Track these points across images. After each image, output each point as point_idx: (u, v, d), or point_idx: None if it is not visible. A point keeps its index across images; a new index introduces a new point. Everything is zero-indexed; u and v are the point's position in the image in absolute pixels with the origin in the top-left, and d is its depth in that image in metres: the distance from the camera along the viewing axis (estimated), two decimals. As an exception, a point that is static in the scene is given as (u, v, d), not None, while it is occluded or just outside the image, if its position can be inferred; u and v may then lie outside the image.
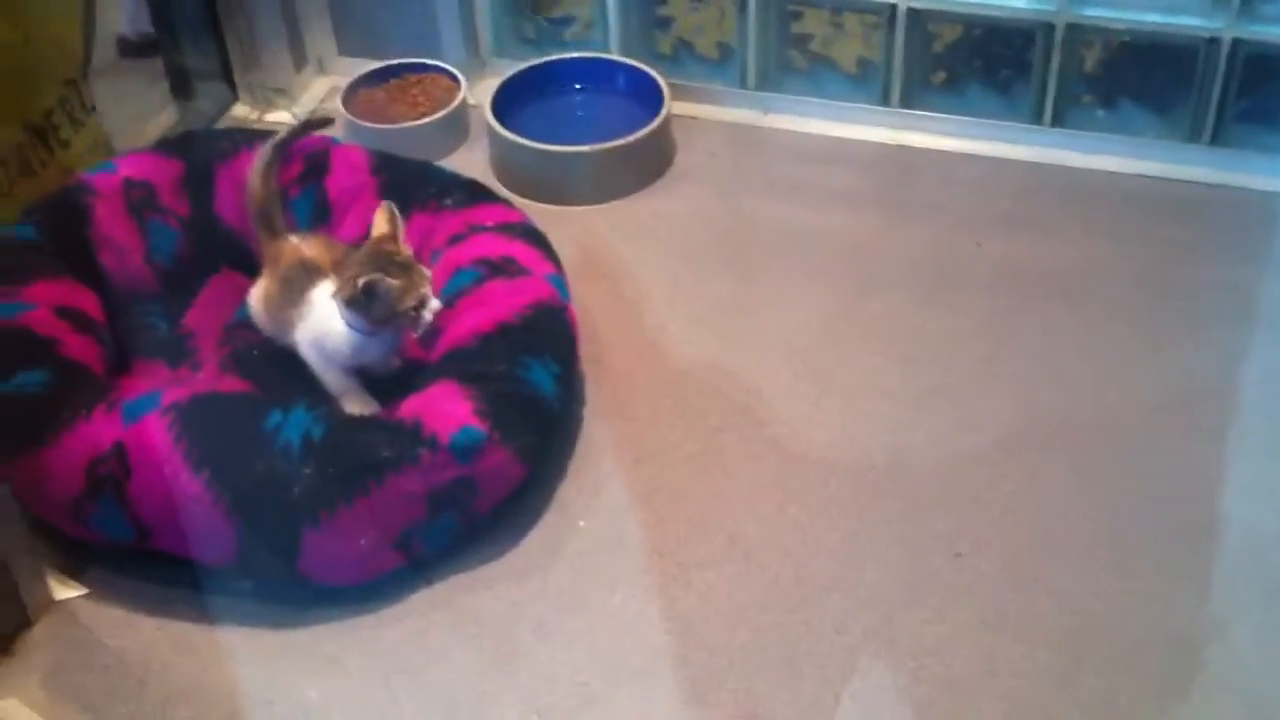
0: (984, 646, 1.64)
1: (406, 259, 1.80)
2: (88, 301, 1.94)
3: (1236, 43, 2.27)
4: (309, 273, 1.88)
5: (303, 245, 1.92)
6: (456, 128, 2.53)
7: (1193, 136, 2.38)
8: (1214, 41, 2.28)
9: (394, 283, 1.76)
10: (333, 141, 2.20)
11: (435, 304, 1.80)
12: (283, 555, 1.66)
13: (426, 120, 2.49)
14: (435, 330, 1.88)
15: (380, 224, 1.82)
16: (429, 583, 1.74)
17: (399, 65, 2.60)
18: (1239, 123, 2.36)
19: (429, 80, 2.59)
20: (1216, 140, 2.36)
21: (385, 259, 1.79)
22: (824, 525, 1.80)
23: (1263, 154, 2.35)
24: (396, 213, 1.83)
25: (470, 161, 2.43)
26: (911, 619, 1.68)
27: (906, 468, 1.87)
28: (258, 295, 1.96)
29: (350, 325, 1.82)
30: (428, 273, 1.81)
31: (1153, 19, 2.31)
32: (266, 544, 1.66)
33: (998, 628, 1.66)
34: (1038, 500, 1.82)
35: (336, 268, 1.86)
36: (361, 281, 1.75)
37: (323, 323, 1.84)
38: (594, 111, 2.54)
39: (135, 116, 2.61)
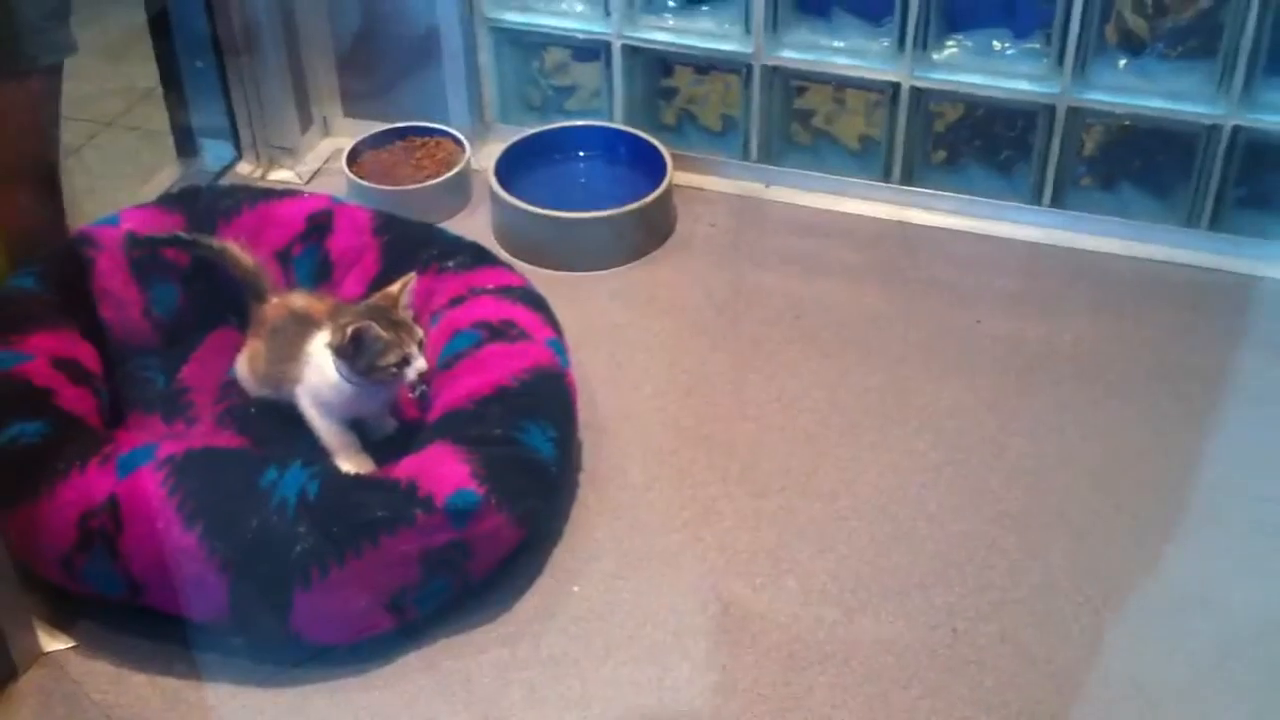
0: (978, 725, 1.63)
1: (402, 318, 1.83)
2: (85, 353, 1.94)
3: (1237, 130, 2.29)
4: (302, 324, 1.90)
5: (291, 299, 1.94)
6: (460, 191, 2.54)
7: (1191, 221, 2.39)
8: (1215, 128, 2.30)
9: (382, 334, 1.78)
10: (335, 201, 2.21)
11: (421, 364, 1.81)
12: (274, 613, 1.65)
13: (431, 183, 2.50)
14: (428, 395, 1.89)
15: (392, 286, 1.85)
16: (419, 645, 1.72)
17: (405, 128, 2.62)
18: (1238, 208, 2.38)
19: (434, 143, 2.61)
20: (1215, 225, 2.38)
21: (380, 313, 1.81)
22: (820, 598, 1.79)
23: (1261, 240, 2.36)
24: (411, 282, 1.86)
25: (473, 225, 2.44)
26: (906, 695, 1.67)
27: (906, 541, 1.87)
28: (244, 359, 1.98)
29: (340, 375, 1.83)
30: (420, 334, 1.84)
31: (1155, 104, 2.33)
32: (258, 601, 1.64)
33: (993, 707, 1.65)
34: (1039, 578, 1.81)
35: (332, 318, 1.87)
36: (350, 329, 1.77)
37: (319, 372, 1.86)
38: (597, 179, 2.55)
39: (139, 171, 2.63)
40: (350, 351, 1.80)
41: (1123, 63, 2.36)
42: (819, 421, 2.06)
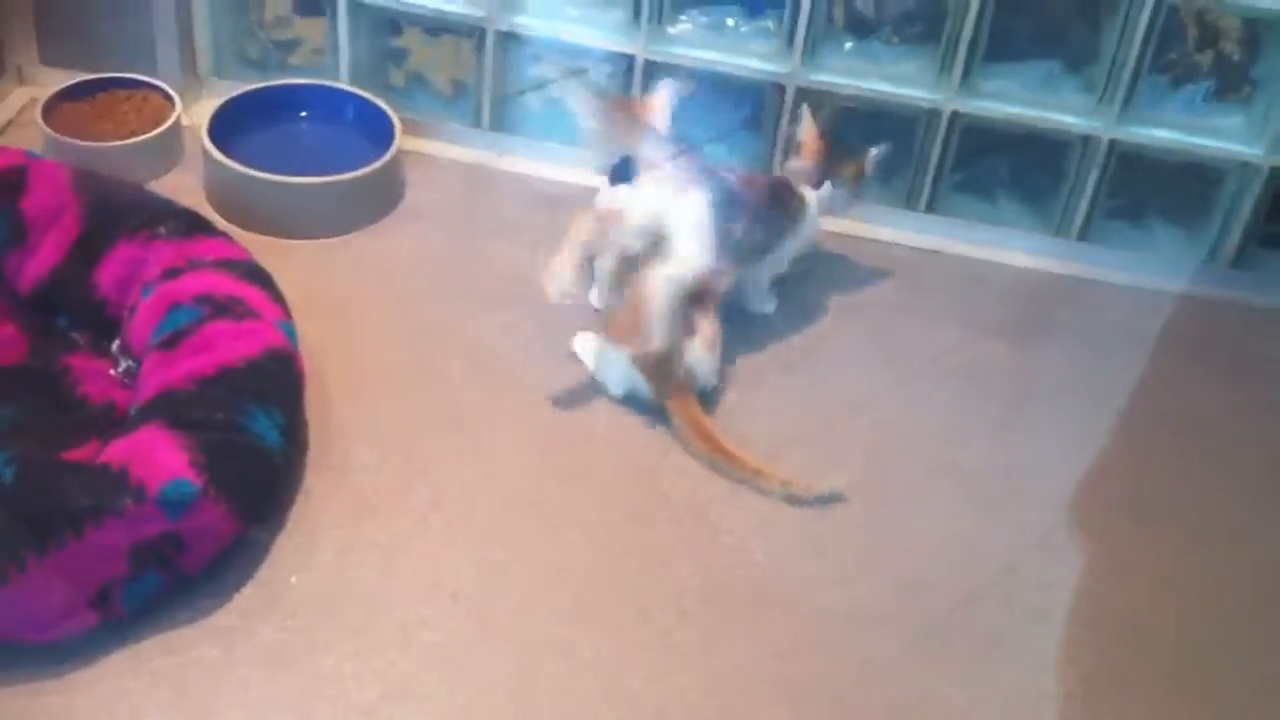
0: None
1: None
2: None
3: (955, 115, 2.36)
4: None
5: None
6: (168, 150, 2.38)
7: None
8: (935, 113, 2.36)
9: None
10: (30, 156, 2.04)
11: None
12: (-39, 611, 1.51)
13: (136, 140, 2.33)
14: (135, 371, 1.77)
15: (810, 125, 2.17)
16: (125, 643, 1.60)
17: (108, 79, 2.43)
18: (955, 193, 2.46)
19: (140, 97, 2.44)
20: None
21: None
22: (553, 583, 1.76)
23: (968, 222, 2.46)
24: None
25: (181, 187, 2.29)
26: (639, 676, 1.65)
27: (646, 520, 1.85)
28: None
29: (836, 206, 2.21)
30: None
31: (879, 87, 2.38)
32: (-58, 599, 1.50)
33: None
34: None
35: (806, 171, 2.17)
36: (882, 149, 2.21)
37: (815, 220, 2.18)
38: (320, 142, 2.43)
39: None
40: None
41: (849, 45, 2.40)
42: (555, 398, 2.03)
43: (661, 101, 2.16)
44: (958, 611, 1.78)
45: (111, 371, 1.85)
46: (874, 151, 2.21)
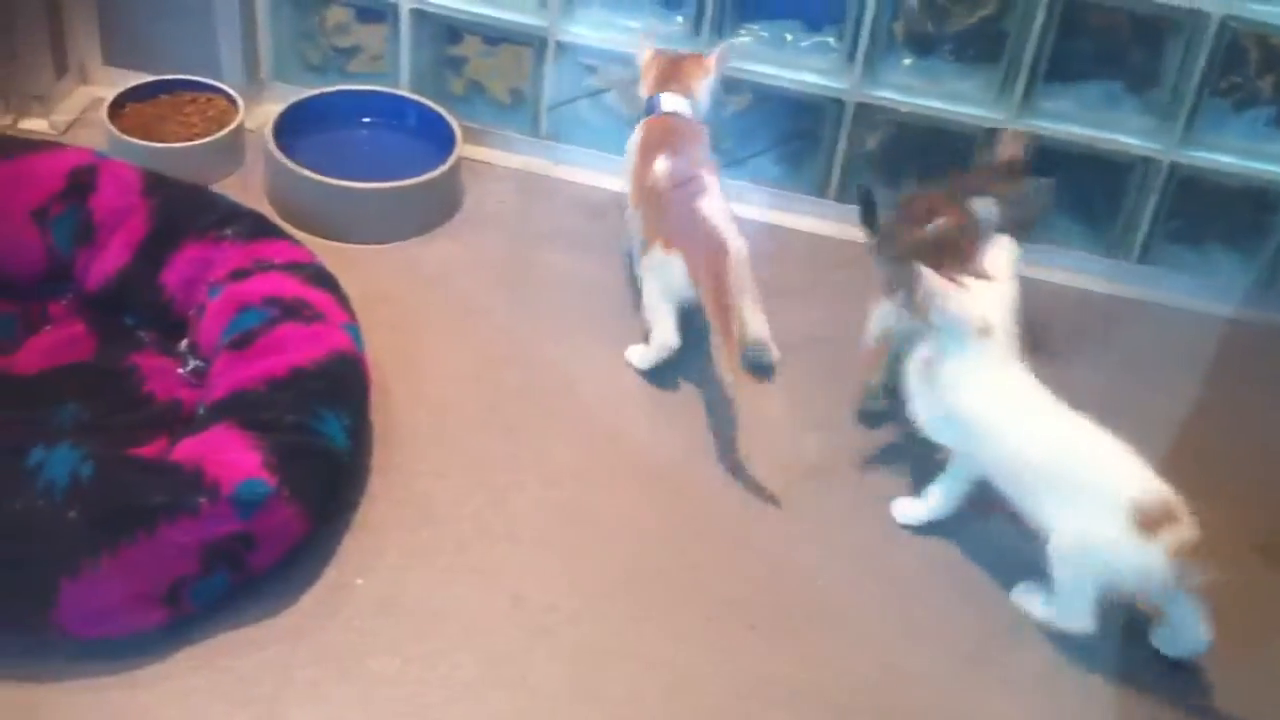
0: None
1: None
2: None
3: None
4: None
5: None
6: (232, 153, 2.40)
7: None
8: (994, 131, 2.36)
9: None
10: (99, 156, 2.06)
11: None
12: (36, 604, 1.52)
13: (200, 142, 2.35)
14: (203, 370, 1.78)
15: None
16: (194, 641, 1.61)
17: (172, 80, 2.46)
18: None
19: (204, 100, 2.46)
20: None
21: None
22: (610, 588, 1.76)
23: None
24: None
25: (244, 190, 2.31)
26: (700, 690, 1.65)
27: (700, 530, 1.86)
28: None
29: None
30: None
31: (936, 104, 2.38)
32: (19, 591, 1.51)
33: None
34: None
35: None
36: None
37: None
38: (381, 148, 2.45)
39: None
40: None
41: (908, 62, 2.40)
42: (610, 401, 2.04)
43: (717, 60, 2.19)
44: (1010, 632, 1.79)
45: (179, 370, 1.86)
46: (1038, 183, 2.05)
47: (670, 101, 2.16)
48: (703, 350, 2.10)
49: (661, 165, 2.04)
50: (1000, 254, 1.79)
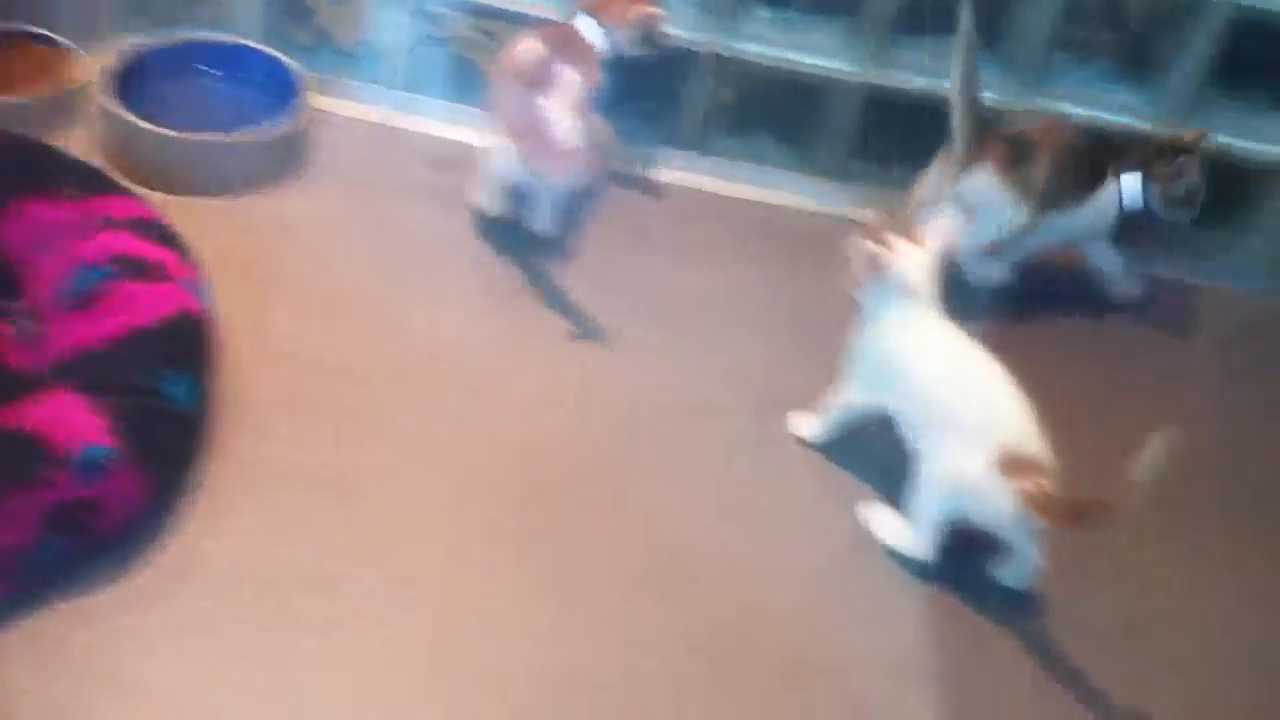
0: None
1: None
2: None
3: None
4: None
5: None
6: (63, 104, 2.30)
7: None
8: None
9: None
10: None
11: None
12: None
13: (35, 96, 2.25)
14: (33, 331, 1.71)
15: None
16: (32, 613, 1.54)
17: (4, 31, 2.35)
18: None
19: (34, 49, 2.36)
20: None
21: None
22: (468, 540, 1.75)
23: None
24: None
25: (79, 144, 2.21)
26: (552, 637, 1.65)
27: (560, 479, 1.85)
28: None
29: None
30: None
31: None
32: None
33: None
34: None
35: None
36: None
37: None
38: (224, 98, 2.37)
39: None
40: None
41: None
42: (465, 350, 2.02)
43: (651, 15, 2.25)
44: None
45: (10, 332, 1.78)
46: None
47: (584, 21, 2.21)
48: (562, 300, 2.10)
49: (525, 46, 2.09)
50: (935, 228, 1.89)
